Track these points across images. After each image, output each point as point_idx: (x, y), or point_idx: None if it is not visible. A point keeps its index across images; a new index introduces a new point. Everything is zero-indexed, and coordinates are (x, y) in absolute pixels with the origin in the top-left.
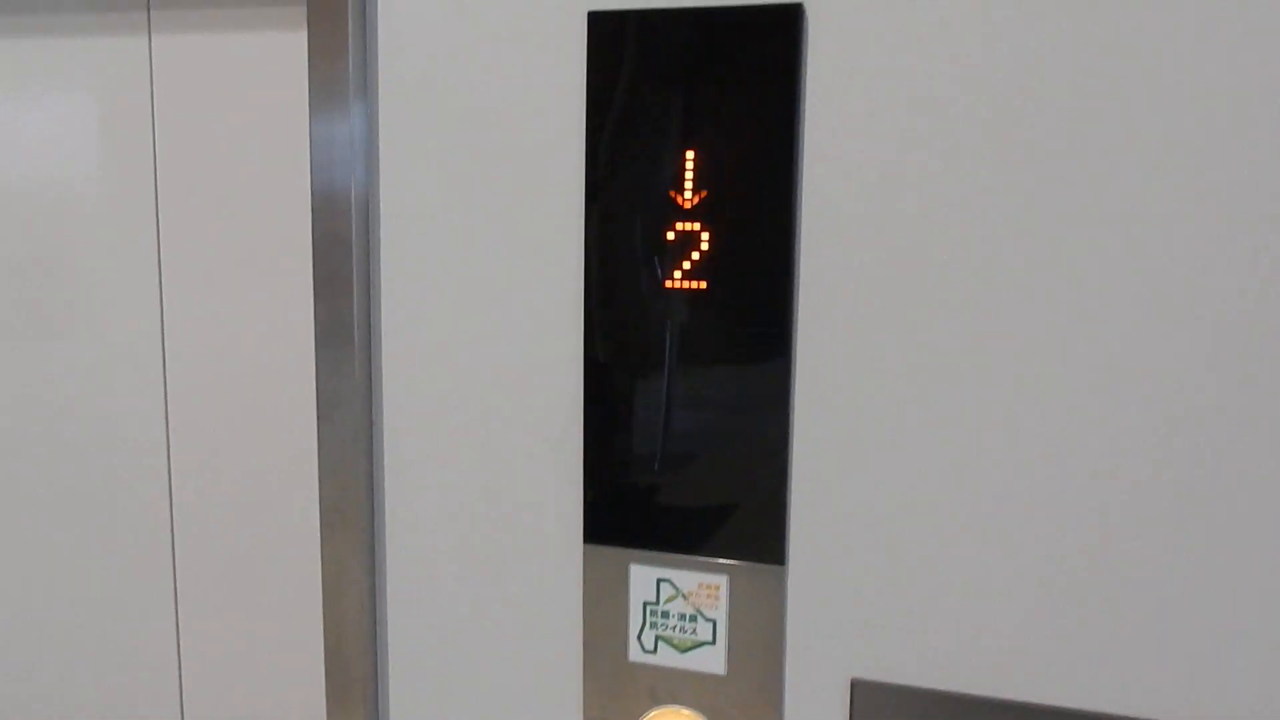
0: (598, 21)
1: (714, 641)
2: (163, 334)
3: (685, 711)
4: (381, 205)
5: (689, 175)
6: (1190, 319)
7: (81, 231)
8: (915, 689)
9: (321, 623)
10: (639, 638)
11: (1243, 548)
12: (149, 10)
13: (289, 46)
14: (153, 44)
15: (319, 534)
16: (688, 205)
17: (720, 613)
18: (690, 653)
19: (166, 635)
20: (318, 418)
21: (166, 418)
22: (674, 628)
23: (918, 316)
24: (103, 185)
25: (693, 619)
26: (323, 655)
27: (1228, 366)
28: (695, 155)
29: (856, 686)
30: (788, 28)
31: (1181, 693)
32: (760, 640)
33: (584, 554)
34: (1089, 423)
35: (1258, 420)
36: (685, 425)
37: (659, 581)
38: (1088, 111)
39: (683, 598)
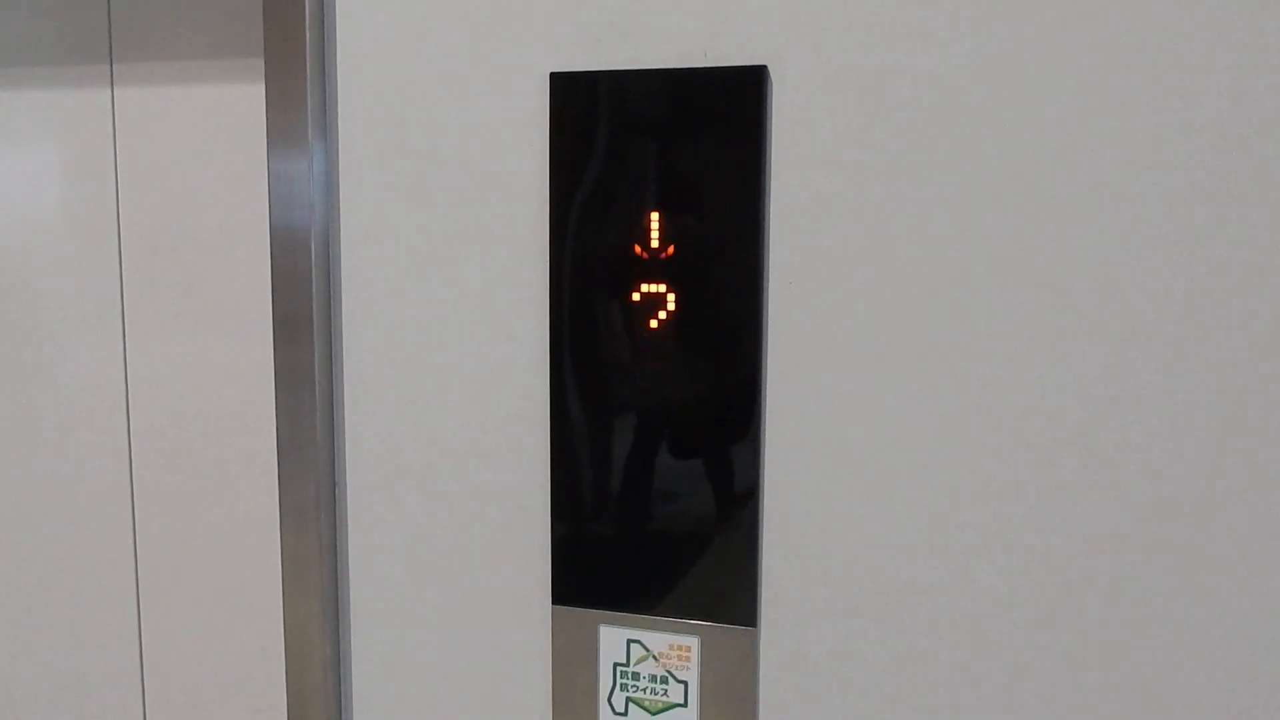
0: (560, 82)
1: (686, 704)
2: (126, 379)
3: None
4: (343, 245)
5: (654, 234)
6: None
7: (45, 277)
8: None
9: (285, 685)
10: (609, 700)
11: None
12: (111, 64)
13: (247, 98)
14: (115, 96)
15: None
16: (654, 264)
17: (692, 674)
18: (662, 715)
19: (131, 687)
20: (278, 467)
21: (130, 467)
22: (645, 689)
23: (889, 375)
24: (67, 233)
25: (664, 680)
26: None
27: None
28: (660, 214)
29: None
30: (752, 88)
31: None
32: (733, 703)
33: (552, 615)
34: (1065, 473)
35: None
36: (654, 487)
37: (629, 642)
38: (1043, 152)
39: (654, 659)
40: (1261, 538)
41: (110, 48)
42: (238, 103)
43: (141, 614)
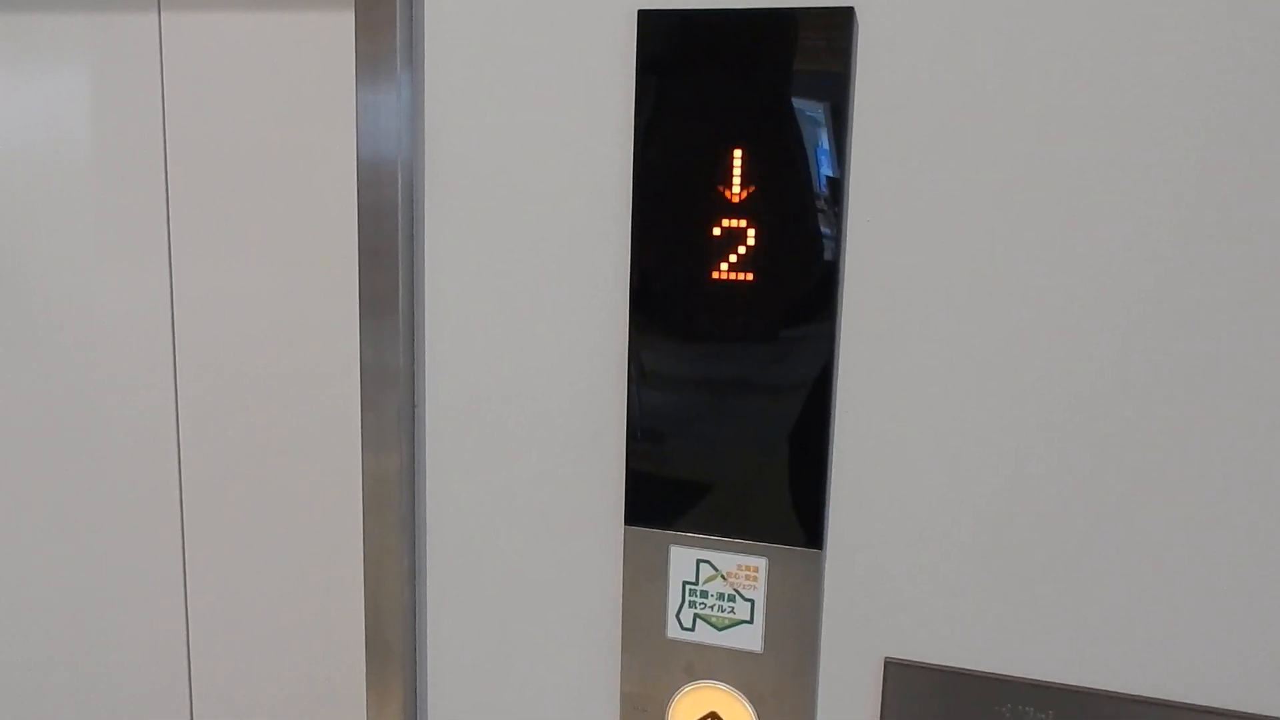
0: (647, 20)
1: (751, 620)
2: (172, 316)
3: (721, 687)
4: (426, 176)
5: (736, 172)
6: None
7: (87, 202)
8: (947, 669)
9: (362, 599)
10: (678, 616)
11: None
12: None
13: (297, 26)
14: (162, 21)
15: (360, 514)
16: (735, 200)
17: (759, 593)
18: (728, 630)
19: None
20: (361, 390)
21: (176, 409)
22: (712, 606)
23: (959, 314)
24: (111, 159)
25: (731, 599)
26: (363, 631)
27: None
28: (743, 152)
29: (889, 666)
30: (839, 29)
31: (1213, 678)
32: (797, 620)
33: (625, 535)
34: (1118, 417)
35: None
36: (725, 414)
37: (699, 562)
38: (1122, 112)
39: (722, 578)
40: None
41: None
42: (287, 31)
43: (186, 551)
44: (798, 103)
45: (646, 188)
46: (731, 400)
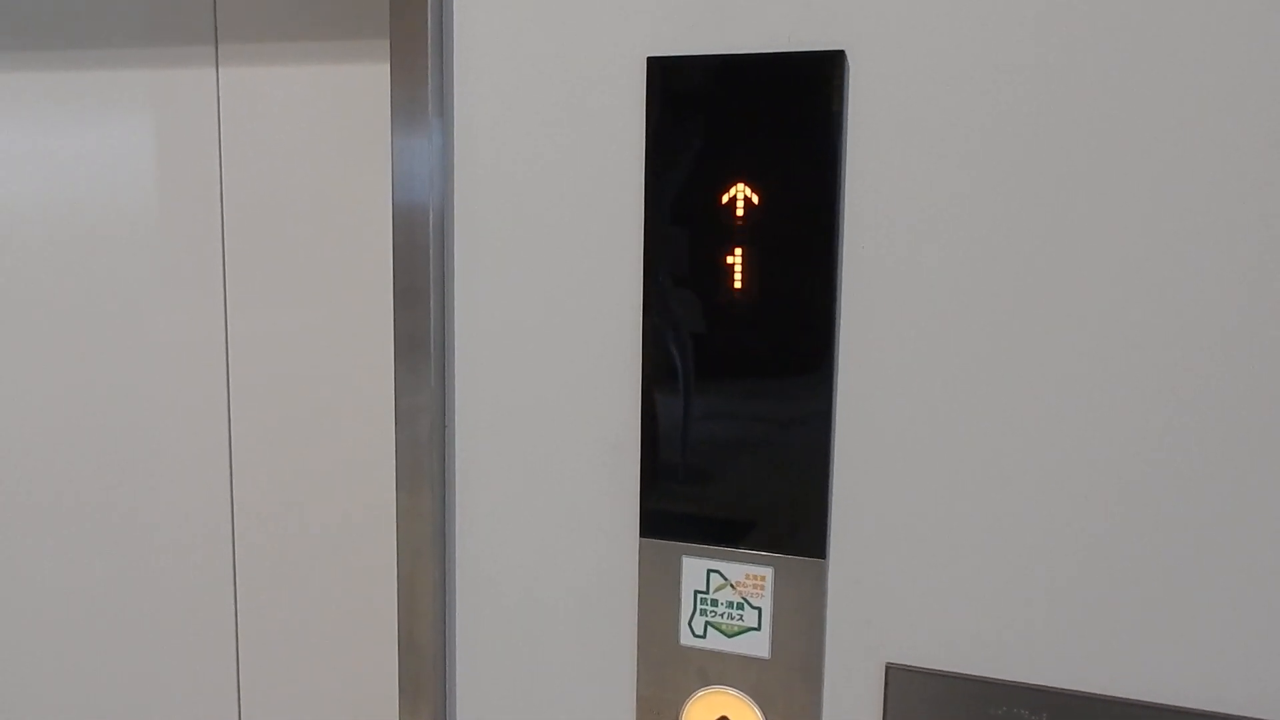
0: (655, 64)
1: (759, 628)
2: (227, 343)
3: (731, 692)
4: (456, 218)
5: (740, 206)
6: (1206, 326)
7: (149, 250)
8: (947, 673)
9: (395, 613)
10: (689, 623)
11: (1268, 534)
12: (216, 44)
13: (343, 77)
14: (220, 75)
15: (394, 533)
16: (737, 232)
17: (766, 601)
18: (737, 638)
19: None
20: (396, 425)
21: (230, 447)
22: (722, 614)
23: (950, 339)
24: (171, 206)
25: (740, 607)
26: (396, 640)
27: (1245, 366)
28: (745, 184)
29: (891, 670)
30: (830, 72)
31: (1214, 681)
32: (802, 627)
33: (640, 547)
34: (1115, 419)
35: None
36: (734, 431)
37: (709, 572)
38: (1121, 144)
39: (731, 587)
40: None
41: (215, 29)
42: (334, 82)
43: (237, 571)
44: (795, 136)
45: (657, 223)
46: (740, 421)
